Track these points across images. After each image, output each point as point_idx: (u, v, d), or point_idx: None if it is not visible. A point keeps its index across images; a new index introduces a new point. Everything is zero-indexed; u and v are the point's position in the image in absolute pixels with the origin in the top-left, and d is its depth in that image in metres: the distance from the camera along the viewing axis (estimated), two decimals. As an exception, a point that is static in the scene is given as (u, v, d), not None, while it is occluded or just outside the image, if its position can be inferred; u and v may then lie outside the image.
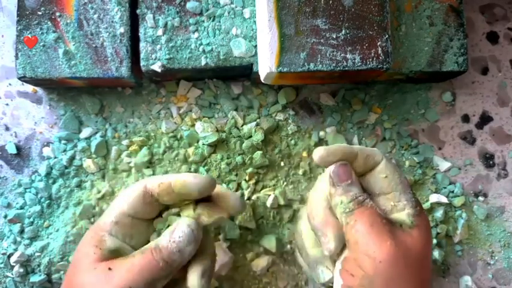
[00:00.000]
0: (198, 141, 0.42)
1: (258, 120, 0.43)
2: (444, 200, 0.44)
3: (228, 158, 0.41)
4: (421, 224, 0.30)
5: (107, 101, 0.43)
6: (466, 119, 0.47)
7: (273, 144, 0.43)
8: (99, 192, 0.41)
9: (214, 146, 0.42)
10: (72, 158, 0.42)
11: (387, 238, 0.27)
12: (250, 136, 0.42)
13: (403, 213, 0.30)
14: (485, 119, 0.47)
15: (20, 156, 0.42)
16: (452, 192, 0.45)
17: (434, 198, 0.44)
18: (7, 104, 0.43)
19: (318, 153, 0.31)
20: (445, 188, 0.45)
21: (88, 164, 0.41)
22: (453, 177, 0.46)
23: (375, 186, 0.32)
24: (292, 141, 0.43)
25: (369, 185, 0.32)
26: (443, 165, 0.45)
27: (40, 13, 0.38)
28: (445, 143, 0.46)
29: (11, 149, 0.42)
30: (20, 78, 0.38)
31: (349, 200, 0.29)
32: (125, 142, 0.42)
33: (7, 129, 0.42)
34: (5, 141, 0.42)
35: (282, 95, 0.43)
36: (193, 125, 0.42)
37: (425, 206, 0.44)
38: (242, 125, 0.43)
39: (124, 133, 0.43)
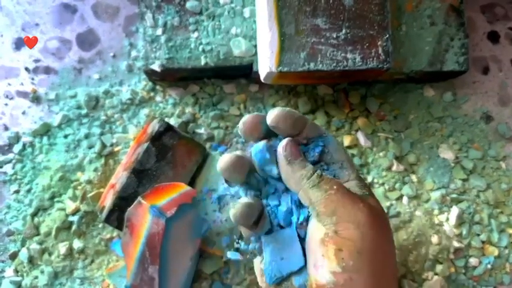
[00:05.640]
0: None
1: None
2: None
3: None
4: (372, 194, 0.29)
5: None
6: (466, 119, 0.47)
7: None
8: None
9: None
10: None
11: (359, 201, 0.27)
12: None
13: (352, 183, 0.29)
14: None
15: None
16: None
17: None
18: (6, 104, 0.42)
19: (274, 112, 0.28)
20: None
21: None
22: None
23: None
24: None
25: None
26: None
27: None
28: (446, 143, 0.46)
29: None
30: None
31: (311, 174, 0.28)
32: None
33: (6, 129, 0.42)
34: (4, 141, 0.42)
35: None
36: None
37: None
38: None
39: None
